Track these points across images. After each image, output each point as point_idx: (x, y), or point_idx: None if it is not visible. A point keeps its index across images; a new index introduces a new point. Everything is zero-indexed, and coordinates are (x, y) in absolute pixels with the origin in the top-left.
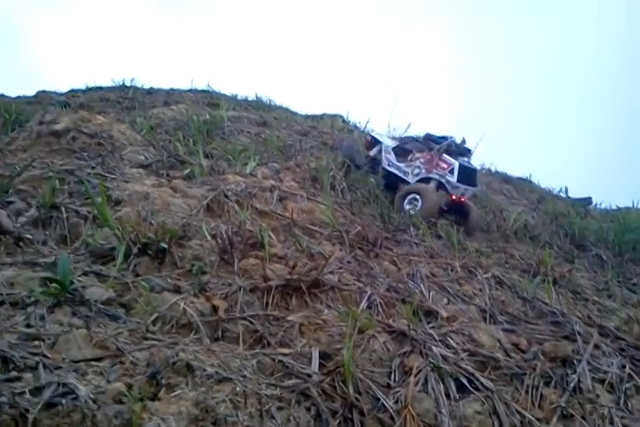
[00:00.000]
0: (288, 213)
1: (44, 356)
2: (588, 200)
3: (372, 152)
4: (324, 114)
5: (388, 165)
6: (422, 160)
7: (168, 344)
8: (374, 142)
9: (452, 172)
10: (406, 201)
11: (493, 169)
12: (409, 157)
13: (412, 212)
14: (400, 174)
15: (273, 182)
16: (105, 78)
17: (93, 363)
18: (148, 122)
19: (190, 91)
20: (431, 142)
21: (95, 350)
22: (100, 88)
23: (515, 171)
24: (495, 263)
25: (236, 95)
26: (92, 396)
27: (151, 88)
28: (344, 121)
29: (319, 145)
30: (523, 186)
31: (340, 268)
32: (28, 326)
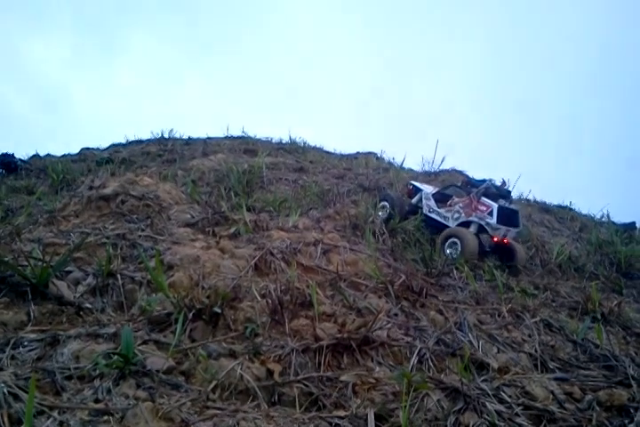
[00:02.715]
0: (332, 266)
1: None
2: (632, 225)
3: (414, 200)
4: (357, 153)
5: (429, 212)
6: (461, 204)
7: (229, 412)
8: (416, 191)
9: (490, 214)
10: (446, 245)
11: (532, 198)
12: (448, 203)
13: (453, 255)
14: (440, 220)
15: (315, 235)
16: (144, 131)
17: None
18: (189, 175)
19: (226, 138)
20: (470, 187)
21: (161, 423)
22: (141, 141)
23: (554, 198)
24: (542, 304)
25: (271, 139)
26: None
27: (189, 138)
28: (378, 158)
29: (356, 188)
30: (563, 214)
31: (388, 322)
32: (97, 400)
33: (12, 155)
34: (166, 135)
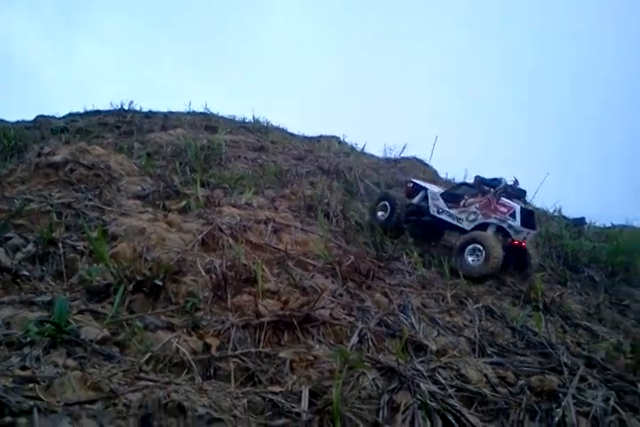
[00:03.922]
0: (282, 245)
1: (39, 399)
2: (582, 220)
3: (416, 199)
4: (320, 136)
5: (438, 212)
6: (478, 205)
7: (161, 384)
8: (417, 189)
9: (513, 215)
10: (466, 252)
11: None
12: (461, 203)
13: (474, 263)
14: (453, 221)
15: (268, 213)
16: (104, 102)
17: (87, 406)
18: (146, 148)
19: (188, 113)
20: (483, 186)
21: (89, 393)
22: (99, 112)
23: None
24: (486, 291)
25: (234, 117)
26: None
27: (149, 111)
28: (340, 143)
29: (315, 170)
30: None
31: (332, 302)
32: (24, 368)
33: None
34: (126, 107)
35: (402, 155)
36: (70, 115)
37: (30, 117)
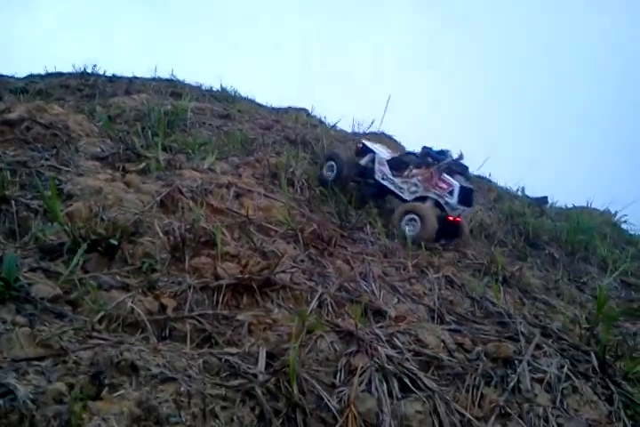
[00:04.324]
0: (244, 210)
1: None
2: (544, 199)
3: (363, 161)
4: (289, 107)
5: (382, 179)
6: (420, 178)
7: (113, 343)
8: (365, 151)
9: (451, 193)
10: (404, 221)
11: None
12: (405, 173)
13: (409, 233)
14: (395, 190)
15: (230, 179)
16: (67, 65)
17: (35, 362)
18: (108, 111)
19: (154, 79)
20: (429, 158)
21: (38, 349)
22: (61, 74)
23: (474, 169)
24: (448, 262)
25: (201, 85)
26: (31, 396)
27: (113, 75)
28: (308, 115)
29: (282, 140)
30: (481, 184)
31: (293, 267)
32: None
33: None
34: (89, 70)
35: (370, 130)
36: (30, 76)
37: None
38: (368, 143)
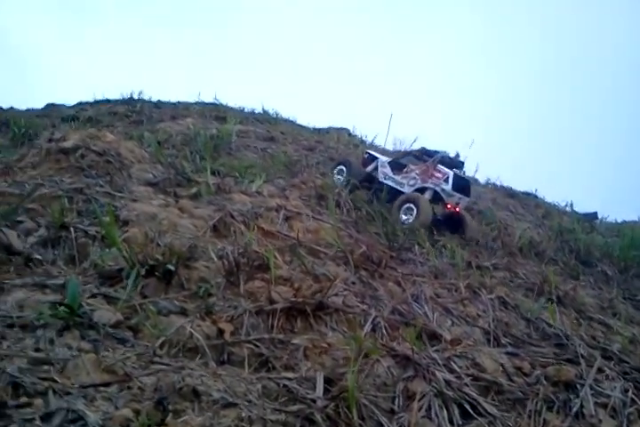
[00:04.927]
0: (294, 233)
1: (54, 381)
2: (594, 215)
3: (369, 168)
4: (330, 127)
5: (384, 179)
6: (418, 171)
7: (175, 369)
8: (371, 159)
9: (446, 180)
10: (402, 211)
11: (499, 184)
12: (404, 170)
13: (407, 221)
14: (396, 186)
15: (279, 201)
16: (113, 92)
17: (102, 388)
18: (156, 137)
19: (197, 104)
20: (426, 156)
21: (103, 375)
22: (108, 101)
23: (520, 185)
24: (500, 282)
25: (243, 108)
26: (100, 422)
27: (159, 101)
28: (350, 135)
29: (325, 160)
30: (528, 201)
31: (345, 290)
32: (38, 350)
33: None
34: (135, 97)
35: (411, 147)
36: (80, 104)
37: (40, 105)
38: (373, 152)
